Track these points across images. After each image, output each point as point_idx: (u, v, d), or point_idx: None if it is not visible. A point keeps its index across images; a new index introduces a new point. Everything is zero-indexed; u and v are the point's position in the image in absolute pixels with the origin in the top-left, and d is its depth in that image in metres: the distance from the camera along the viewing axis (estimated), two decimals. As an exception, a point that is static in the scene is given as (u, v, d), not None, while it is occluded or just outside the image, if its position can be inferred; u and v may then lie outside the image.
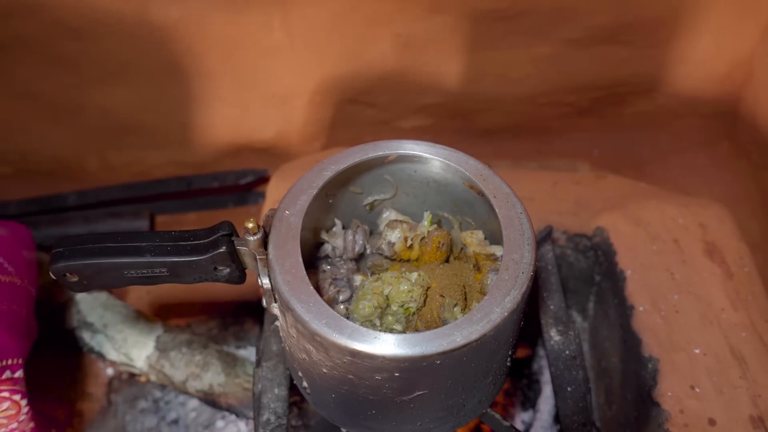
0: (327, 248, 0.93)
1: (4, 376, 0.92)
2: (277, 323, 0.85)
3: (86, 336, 1.33)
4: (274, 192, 1.34)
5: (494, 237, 0.91)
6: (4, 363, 0.92)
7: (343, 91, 1.55)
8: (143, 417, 1.37)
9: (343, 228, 0.94)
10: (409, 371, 0.74)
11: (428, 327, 0.83)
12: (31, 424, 0.93)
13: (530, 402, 1.35)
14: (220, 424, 1.36)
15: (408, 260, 0.92)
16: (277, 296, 0.80)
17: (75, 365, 1.39)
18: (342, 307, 0.88)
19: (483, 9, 1.41)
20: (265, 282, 0.81)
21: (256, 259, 0.80)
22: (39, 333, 1.05)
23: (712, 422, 1.01)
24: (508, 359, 0.88)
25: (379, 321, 0.85)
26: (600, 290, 1.32)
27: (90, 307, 1.34)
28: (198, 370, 1.31)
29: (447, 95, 1.57)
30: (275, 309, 0.83)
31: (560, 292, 1.11)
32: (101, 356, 1.35)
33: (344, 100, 1.57)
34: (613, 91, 1.60)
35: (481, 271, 0.88)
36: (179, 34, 1.39)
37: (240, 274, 0.83)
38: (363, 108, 1.60)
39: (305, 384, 0.88)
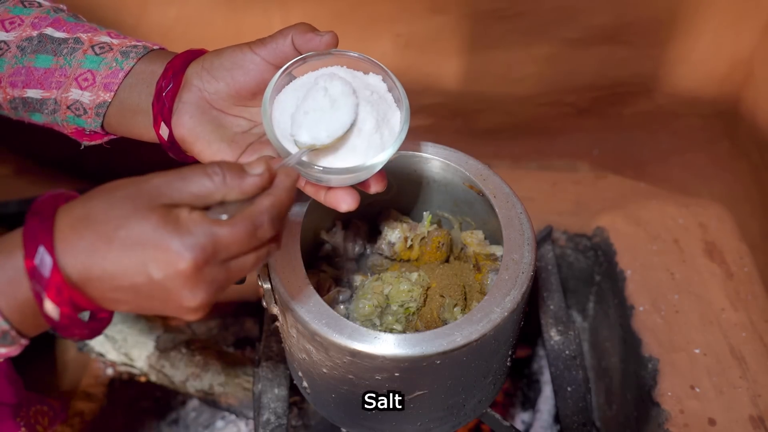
0: (327, 248, 0.93)
1: None
2: (277, 323, 0.86)
3: (86, 336, 1.33)
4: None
5: (494, 237, 0.91)
6: None
7: (343, 91, 1.55)
8: (143, 417, 1.37)
9: (343, 228, 0.94)
10: (409, 371, 0.74)
11: (428, 327, 0.83)
12: None
13: (530, 402, 1.35)
14: (220, 424, 1.36)
15: (408, 260, 0.92)
16: (277, 297, 0.80)
17: (75, 365, 1.39)
18: (342, 307, 0.88)
19: (483, 9, 1.41)
20: (265, 282, 0.81)
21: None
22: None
23: (712, 422, 1.01)
24: (508, 359, 0.88)
25: (379, 321, 0.85)
26: (600, 290, 1.32)
27: (90, 307, 1.34)
28: (198, 370, 1.31)
29: (447, 95, 1.57)
30: (275, 309, 0.83)
31: (560, 292, 1.11)
32: (101, 356, 1.35)
33: (344, 100, 1.57)
34: (613, 91, 1.60)
35: (481, 271, 0.88)
36: (179, 34, 1.39)
37: (240, 274, 0.82)
38: (363, 108, 1.60)
39: (305, 384, 0.88)
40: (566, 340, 1.06)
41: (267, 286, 0.80)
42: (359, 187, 0.72)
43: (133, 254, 0.51)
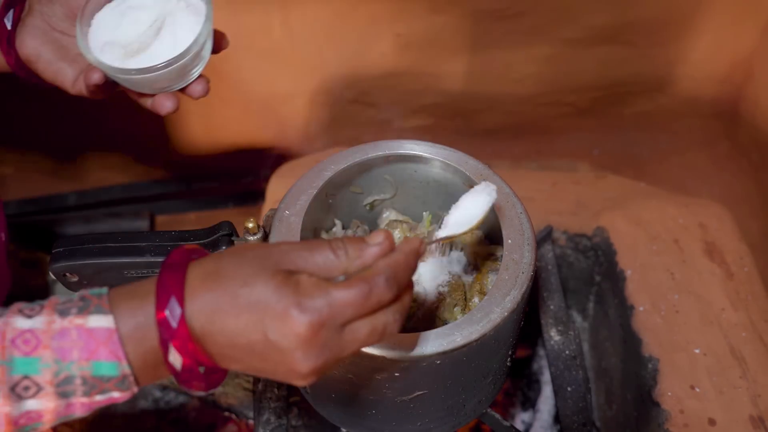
0: (327, 248, 0.93)
1: None
2: (277, 323, 0.85)
3: (86, 336, 1.33)
4: (274, 192, 1.34)
5: (494, 237, 0.91)
6: None
7: (343, 91, 1.55)
8: (143, 417, 1.38)
9: (343, 228, 0.94)
10: (409, 371, 0.74)
11: (428, 327, 0.83)
12: None
13: (530, 402, 1.35)
14: (220, 424, 1.37)
15: (408, 260, 0.92)
16: (277, 296, 0.79)
17: (75, 365, 1.39)
18: (342, 307, 0.88)
19: (483, 9, 1.41)
20: (265, 282, 0.81)
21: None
22: (11, 284, 1.02)
23: (712, 422, 1.01)
24: (508, 359, 0.88)
25: (379, 321, 0.85)
26: (600, 290, 1.32)
27: (90, 307, 1.34)
28: (198, 370, 1.31)
29: (447, 95, 1.57)
30: (275, 309, 0.83)
31: (560, 292, 1.11)
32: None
33: (344, 100, 1.57)
34: (613, 91, 1.60)
35: (481, 271, 0.88)
36: (179, 34, 1.38)
37: (240, 274, 0.82)
38: (363, 108, 1.60)
39: (305, 384, 0.88)
40: (566, 340, 1.06)
41: (267, 286, 0.80)
42: (185, 92, 0.78)
43: (253, 312, 0.52)
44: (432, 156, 0.88)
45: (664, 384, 1.05)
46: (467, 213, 0.73)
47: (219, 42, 0.79)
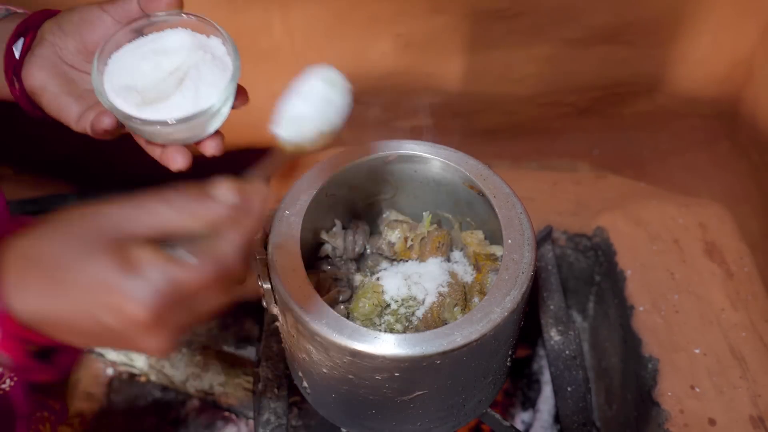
0: (327, 248, 0.93)
1: None
2: (277, 323, 0.86)
3: (86, 336, 1.32)
4: (273, 192, 1.34)
5: (494, 237, 0.91)
6: None
7: (343, 91, 1.55)
8: (143, 417, 1.38)
9: (343, 228, 0.94)
10: (409, 371, 0.74)
11: (428, 327, 0.83)
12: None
13: (530, 402, 1.35)
14: (220, 424, 1.36)
15: (408, 260, 0.92)
16: (277, 297, 0.80)
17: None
18: (342, 307, 0.88)
19: (483, 9, 1.41)
20: (265, 282, 0.81)
21: (256, 259, 0.80)
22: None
23: (712, 422, 1.01)
24: (508, 359, 0.88)
25: (379, 320, 0.85)
26: (600, 290, 1.32)
27: (90, 307, 1.34)
28: (198, 370, 1.31)
29: (447, 95, 1.57)
30: (275, 309, 0.83)
31: (560, 292, 1.11)
32: (101, 356, 1.35)
33: (344, 100, 1.57)
34: (613, 91, 1.60)
35: (481, 271, 0.88)
36: (179, 34, 1.38)
37: (240, 274, 0.82)
38: (363, 108, 1.60)
39: (305, 384, 0.88)
40: (566, 340, 1.06)
41: (267, 286, 0.80)
42: (197, 147, 0.74)
43: (85, 300, 0.47)
44: (432, 156, 0.88)
45: (664, 384, 1.05)
46: (307, 108, 0.69)
47: (241, 98, 0.74)
